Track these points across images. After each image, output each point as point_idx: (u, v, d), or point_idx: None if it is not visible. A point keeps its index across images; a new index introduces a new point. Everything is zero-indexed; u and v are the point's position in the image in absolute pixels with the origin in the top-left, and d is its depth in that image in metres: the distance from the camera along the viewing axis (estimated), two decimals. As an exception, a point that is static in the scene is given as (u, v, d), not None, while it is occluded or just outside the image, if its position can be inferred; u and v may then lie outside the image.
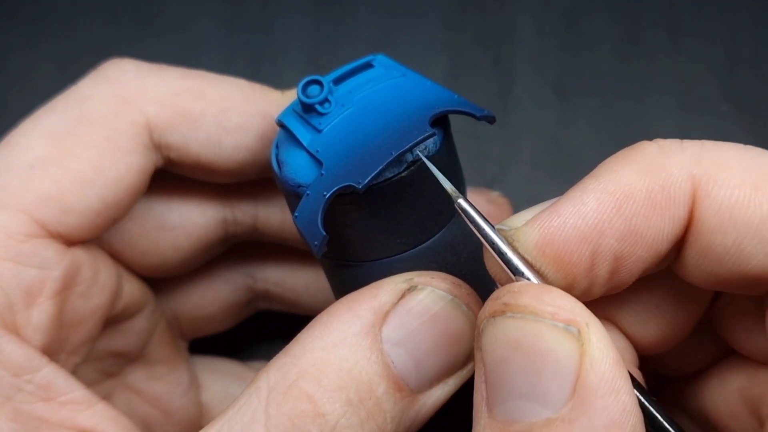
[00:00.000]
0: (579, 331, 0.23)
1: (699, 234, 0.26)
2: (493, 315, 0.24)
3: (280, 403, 0.27)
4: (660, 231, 0.26)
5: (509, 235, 0.26)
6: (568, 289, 0.25)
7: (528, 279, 0.25)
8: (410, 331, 0.28)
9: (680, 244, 0.26)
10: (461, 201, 0.26)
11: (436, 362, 0.29)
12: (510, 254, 0.25)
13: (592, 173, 0.26)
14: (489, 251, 0.26)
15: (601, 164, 0.26)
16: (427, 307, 0.28)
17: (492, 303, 0.25)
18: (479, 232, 0.26)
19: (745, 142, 0.27)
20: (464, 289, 0.29)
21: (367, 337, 0.28)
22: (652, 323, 0.29)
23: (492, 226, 0.26)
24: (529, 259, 0.25)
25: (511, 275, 0.25)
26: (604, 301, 0.29)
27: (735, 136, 0.50)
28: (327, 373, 0.27)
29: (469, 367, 0.29)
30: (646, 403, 0.25)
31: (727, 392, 0.31)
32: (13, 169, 0.32)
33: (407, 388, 0.28)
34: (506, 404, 0.24)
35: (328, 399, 0.27)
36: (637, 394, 0.25)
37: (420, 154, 0.27)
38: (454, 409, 0.30)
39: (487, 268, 0.27)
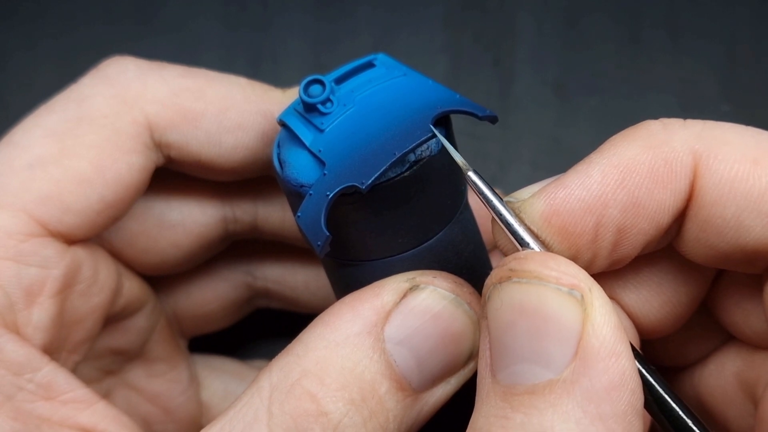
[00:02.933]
0: (582, 296, 0.24)
1: (700, 207, 0.26)
2: (500, 281, 0.25)
3: (283, 402, 0.27)
4: (662, 203, 0.26)
5: (516, 206, 0.27)
6: (572, 260, 0.26)
7: (533, 249, 0.26)
8: (412, 330, 0.28)
9: (681, 218, 0.27)
10: (471, 173, 0.27)
11: (438, 361, 0.29)
12: (516, 225, 0.26)
13: (597, 149, 0.27)
14: (497, 222, 0.26)
15: (607, 141, 0.27)
16: (429, 307, 0.28)
17: (498, 270, 0.25)
18: (488, 204, 0.27)
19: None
20: (466, 288, 0.29)
21: (370, 336, 0.28)
22: (654, 303, 0.30)
23: (500, 198, 0.27)
24: (535, 230, 0.26)
25: (518, 245, 0.26)
26: (608, 280, 0.29)
27: (735, 136, 0.50)
28: (330, 372, 0.27)
29: (471, 366, 0.30)
30: (645, 372, 0.26)
31: (724, 377, 0.31)
32: (13, 169, 0.32)
33: (409, 387, 0.28)
34: (510, 368, 0.24)
35: (331, 398, 0.27)
36: (637, 362, 0.25)
37: (433, 129, 0.28)
38: (456, 408, 0.30)
39: (495, 239, 0.28)
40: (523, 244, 0.26)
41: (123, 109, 0.33)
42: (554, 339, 0.24)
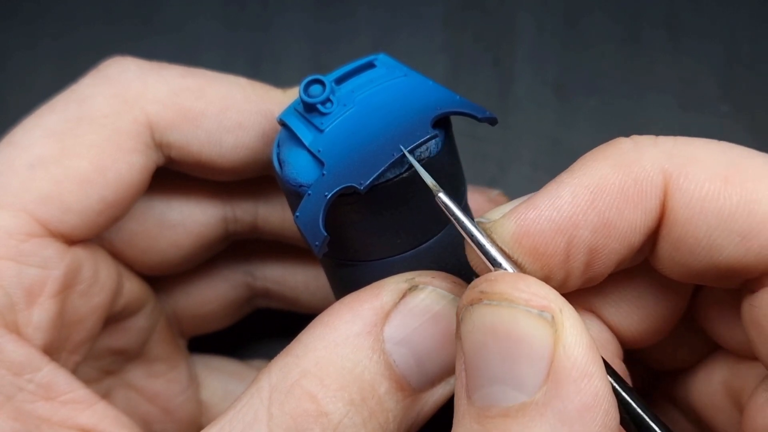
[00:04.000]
0: (553, 317, 0.24)
1: (671, 226, 0.26)
2: (471, 303, 0.25)
3: (283, 402, 0.27)
4: (633, 223, 0.26)
5: (488, 227, 0.26)
6: (545, 280, 0.26)
7: (506, 269, 0.26)
8: (412, 330, 0.28)
9: (654, 237, 0.27)
10: (441, 195, 0.27)
11: (437, 361, 0.29)
12: (488, 246, 0.26)
13: (568, 168, 0.27)
14: (469, 243, 0.26)
15: (578, 160, 0.27)
16: (428, 307, 0.29)
17: (470, 292, 0.25)
18: (459, 225, 0.26)
19: (745, 142, 0.27)
20: (465, 288, 0.29)
21: (369, 336, 0.28)
22: (635, 316, 0.30)
23: (471, 219, 0.26)
24: (507, 250, 0.26)
25: (490, 266, 0.26)
26: (588, 294, 0.29)
27: (735, 136, 0.50)
28: (329, 372, 0.27)
29: None
30: (621, 390, 0.26)
31: (712, 385, 0.31)
32: (13, 169, 0.32)
33: (409, 388, 0.28)
34: (483, 390, 0.24)
35: (331, 398, 0.27)
36: (611, 380, 0.25)
37: (403, 149, 0.28)
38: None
39: (468, 260, 0.27)
40: (496, 265, 0.26)
41: (123, 109, 0.33)
42: (526, 361, 0.24)
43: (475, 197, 0.39)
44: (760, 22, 0.53)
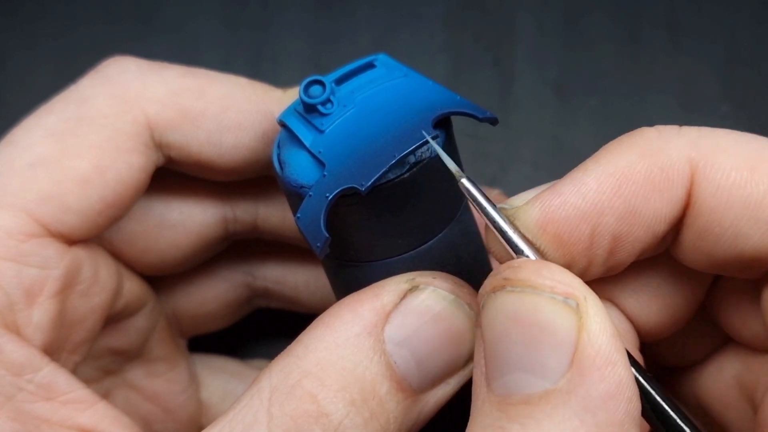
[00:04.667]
0: (577, 305, 0.24)
1: (697, 215, 0.26)
2: (494, 290, 0.25)
3: (283, 403, 0.27)
4: (658, 212, 0.26)
5: (510, 213, 0.26)
6: (567, 267, 0.26)
7: (528, 257, 0.26)
8: (412, 331, 0.28)
9: (678, 226, 0.27)
10: (464, 180, 0.27)
11: (438, 362, 0.29)
12: (511, 233, 0.26)
13: (593, 156, 0.27)
14: (491, 229, 0.26)
15: (602, 148, 0.27)
16: (429, 307, 0.28)
17: (492, 279, 0.25)
18: (482, 211, 0.26)
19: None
20: (466, 289, 0.29)
21: (370, 337, 0.28)
22: (653, 306, 0.30)
23: (494, 205, 0.26)
24: (530, 237, 0.26)
25: (512, 253, 0.26)
26: (607, 283, 0.29)
27: (735, 136, 0.50)
28: (330, 373, 0.27)
29: (471, 366, 0.29)
30: (642, 380, 0.26)
31: (724, 380, 0.31)
32: (13, 168, 0.32)
33: (410, 388, 0.28)
34: (505, 378, 0.24)
35: (332, 399, 0.27)
36: (633, 370, 0.25)
37: (426, 135, 0.28)
38: (456, 409, 0.30)
39: (489, 247, 0.27)
40: (518, 252, 0.26)
41: (123, 109, 0.33)
42: (550, 348, 0.23)
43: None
44: (760, 22, 0.53)
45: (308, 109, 0.30)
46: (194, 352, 0.44)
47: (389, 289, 0.28)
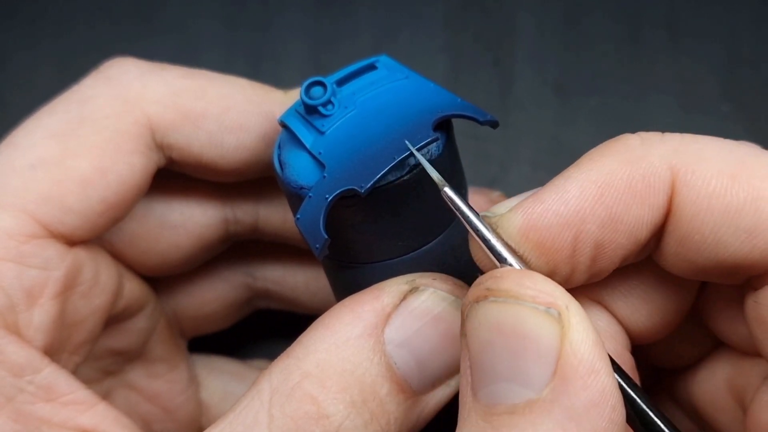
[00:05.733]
0: (559, 314, 0.24)
1: (678, 222, 0.26)
2: (476, 300, 0.25)
3: (284, 404, 0.27)
4: (640, 219, 0.26)
5: (493, 221, 0.26)
6: (551, 275, 0.26)
7: (511, 265, 0.26)
8: (412, 332, 0.28)
9: (660, 233, 0.27)
10: (447, 189, 0.27)
11: (438, 363, 0.29)
12: (494, 241, 0.26)
13: (575, 162, 0.27)
14: (474, 238, 0.26)
15: (585, 155, 0.27)
16: (429, 308, 0.28)
17: (475, 289, 0.25)
18: (464, 219, 0.26)
19: (745, 142, 0.27)
20: (465, 290, 0.29)
21: (370, 338, 0.28)
22: (643, 310, 0.30)
23: (476, 213, 0.26)
24: (513, 245, 0.26)
25: (496, 261, 0.26)
26: (597, 287, 0.29)
27: (735, 136, 0.50)
28: (330, 374, 0.27)
29: None
30: (626, 387, 0.26)
31: (715, 383, 0.31)
32: (14, 169, 0.32)
33: (410, 389, 0.28)
34: (490, 387, 0.24)
35: (332, 400, 0.27)
36: (617, 377, 0.25)
37: (410, 146, 0.27)
38: (456, 410, 0.30)
39: (472, 255, 0.27)
40: (501, 260, 0.26)
41: (125, 110, 0.33)
42: (533, 358, 0.24)
43: (475, 198, 0.39)
44: (760, 22, 0.53)
45: (309, 110, 0.30)
46: (194, 352, 0.44)
47: (389, 290, 0.28)
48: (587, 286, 0.28)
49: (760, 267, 0.26)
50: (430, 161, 0.28)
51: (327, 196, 0.27)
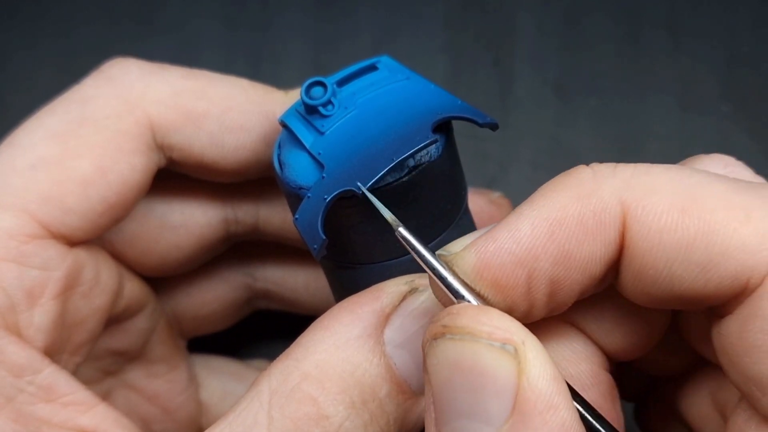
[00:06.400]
0: (516, 350, 0.24)
1: (631, 257, 0.26)
2: (434, 337, 0.25)
3: (283, 406, 0.27)
4: (592, 255, 0.26)
5: (449, 260, 0.26)
6: (509, 311, 0.26)
7: (468, 302, 0.26)
8: (412, 333, 0.28)
9: (616, 266, 0.27)
10: (401, 229, 0.26)
11: None
12: (450, 279, 0.26)
13: (528, 199, 0.26)
14: (431, 276, 0.26)
15: (538, 189, 0.27)
16: (428, 309, 0.28)
17: (432, 326, 0.25)
18: (420, 258, 0.26)
19: (745, 142, 0.27)
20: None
21: (370, 339, 0.28)
22: (617, 332, 0.30)
23: (432, 252, 0.26)
24: (469, 282, 0.26)
25: (453, 299, 0.26)
26: (570, 310, 0.29)
27: (735, 136, 0.50)
28: (330, 375, 0.27)
29: None
30: (590, 418, 0.25)
31: (700, 394, 0.31)
32: (15, 170, 0.32)
33: (410, 390, 0.28)
34: (452, 424, 0.24)
35: (332, 401, 0.27)
36: (580, 408, 0.25)
37: (362, 187, 0.27)
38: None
39: (433, 293, 0.27)
40: (459, 297, 0.26)
41: (125, 110, 0.33)
42: (491, 394, 0.23)
43: (476, 199, 0.39)
44: (760, 22, 0.53)
45: (309, 111, 0.30)
46: (194, 352, 0.44)
47: (388, 291, 0.28)
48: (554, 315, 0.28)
49: (717, 299, 0.25)
50: (429, 163, 0.28)
51: (325, 196, 0.27)
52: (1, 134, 0.33)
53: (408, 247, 0.26)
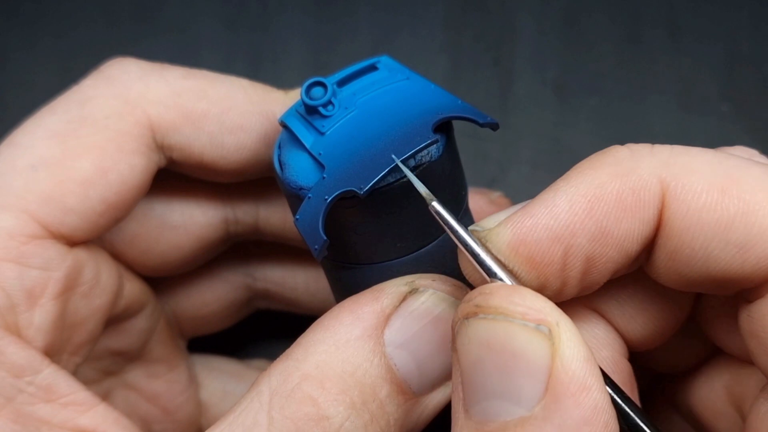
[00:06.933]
0: (550, 331, 0.24)
1: (668, 236, 0.26)
2: (466, 317, 0.25)
3: (283, 406, 0.27)
4: (630, 232, 0.26)
5: (482, 236, 0.26)
6: (541, 289, 0.26)
7: (501, 280, 0.26)
8: (412, 333, 0.28)
9: (651, 246, 0.27)
10: (435, 203, 0.26)
11: (438, 364, 0.29)
12: (483, 255, 0.26)
13: (564, 176, 0.26)
14: (463, 252, 0.26)
15: (573, 167, 0.27)
16: (428, 310, 0.28)
17: (465, 305, 0.25)
18: (453, 234, 0.26)
19: (745, 142, 0.27)
20: (465, 292, 0.29)
21: (370, 339, 0.28)
22: (639, 319, 0.30)
23: (465, 228, 0.26)
24: (502, 259, 0.26)
25: (485, 276, 0.26)
26: (593, 295, 0.29)
27: (735, 136, 0.50)
28: (330, 376, 0.27)
29: None
30: (620, 401, 0.26)
31: (714, 390, 0.31)
32: (15, 170, 0.32)
33: (410, 391, 0.28)
34: (481, 404, 0.24)
35: (332, 402, 0.27)
36: (610, 391, 0.25)
37: (396, 159, 0.27)
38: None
39: (462, 270, 0.27)
40: (491, 275, 0.26)
41: (126, 111, 0.33)
42: (523, 375, 0.23)
43: (476, 199, 0.39)
44: (760, 22, 0.53)
45: (309, 111, 0.30)
46: (194, 352, 0.44)
47: (389, 291, 0.28)
48: (582, 297, 0.28)
49: (752, 280, 0.26)
50: (430, 163, 0.28)
51: (326, 197, 0.27)
52: (1, 134, 0.33)
53: (441, 222, 0.26)
